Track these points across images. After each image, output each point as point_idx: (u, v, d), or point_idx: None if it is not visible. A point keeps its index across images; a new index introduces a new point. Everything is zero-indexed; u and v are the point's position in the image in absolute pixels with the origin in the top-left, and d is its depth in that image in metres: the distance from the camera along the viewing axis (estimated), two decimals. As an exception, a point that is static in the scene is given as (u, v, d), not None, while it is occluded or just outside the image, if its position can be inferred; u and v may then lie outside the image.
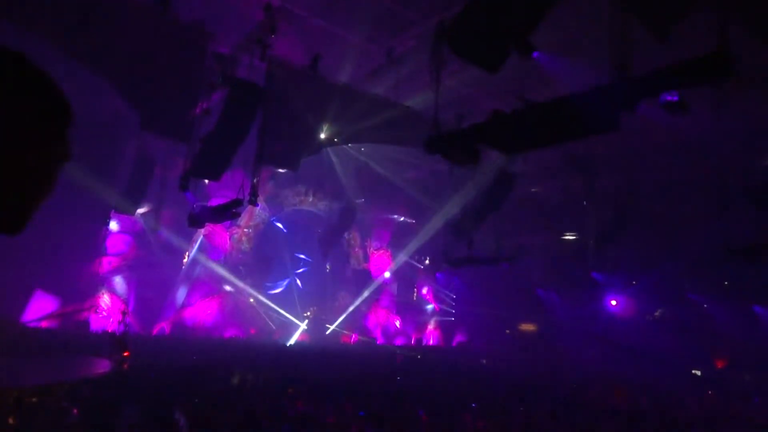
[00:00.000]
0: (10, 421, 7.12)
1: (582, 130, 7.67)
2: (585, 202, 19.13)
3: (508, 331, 28.15)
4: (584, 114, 6.91)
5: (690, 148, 15.17)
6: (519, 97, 9.91)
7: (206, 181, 17.18)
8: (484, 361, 21.47)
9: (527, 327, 28.00)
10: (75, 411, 7.94)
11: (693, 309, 21.77)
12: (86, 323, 20.39)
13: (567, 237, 23.23)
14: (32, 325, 18.81)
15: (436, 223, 20.76)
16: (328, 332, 27.20)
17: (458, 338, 30.12)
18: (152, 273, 22.61)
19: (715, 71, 5.72)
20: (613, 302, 24.14)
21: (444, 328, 30.70)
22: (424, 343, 29.86)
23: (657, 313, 25.83)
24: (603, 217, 18.75)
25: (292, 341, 23.08)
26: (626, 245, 19.78)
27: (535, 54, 8.76)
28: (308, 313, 27.23)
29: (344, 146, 17.41)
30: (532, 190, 20.59)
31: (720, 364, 20.71)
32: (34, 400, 8.46)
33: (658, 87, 6.75)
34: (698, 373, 20.43)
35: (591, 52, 10.21)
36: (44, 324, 19.26)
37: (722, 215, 13.63)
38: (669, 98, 8.56)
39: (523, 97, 8.67)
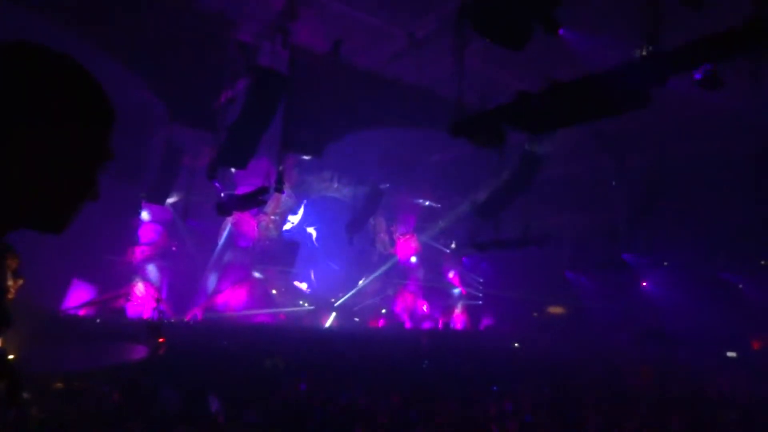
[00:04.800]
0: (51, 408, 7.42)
1: (611, 108, 7.47)
2: (614, 182, 18.72)
3: (535, 314, 27.94)
4: (613, 91, 6.72)
5: (725, 122, 14.65)
6: (545, 76, 9.71)
7: (233, 169, 17.39)
8: (517, 345, 21.36)
9: (555, 310, 27.73)
10: (116, 395, 8.23)
11: (727, 288, 21.22)
12: (122, 311, 21.03)
13: (597, 218, 22.81)
14: (71, 312, 19.50)
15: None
16: (356, 318, 27.51)
17: (485, 322, 30.06)
18: (183, 261, 23.14)
19: (751, 42, 5.49)
20: (644, 284, 23.72)
21: (471, 311, 30.67)
22: (451, 327, 29.91)
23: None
24: (633, 197, 18.32)
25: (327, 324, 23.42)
26: (658, 225, 19.34)
27: (561, 31, 8.53)
28: (335, 300, 27.56)
29: (368, 131, 17.38)
30: (560, 170, 20.24)
31: (757, 345, 20.17)
32: (76, 384, 8.80)
33: (691, 60, 6.52)
34: (733, 355, 19.95)
35: (619, 27, 9.92)
36: (82, 312, 19.94)
37: (759, 191, 13.17)
38: (702, 72, 8.26)
39: (548, 76, 8.49)
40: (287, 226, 27.03)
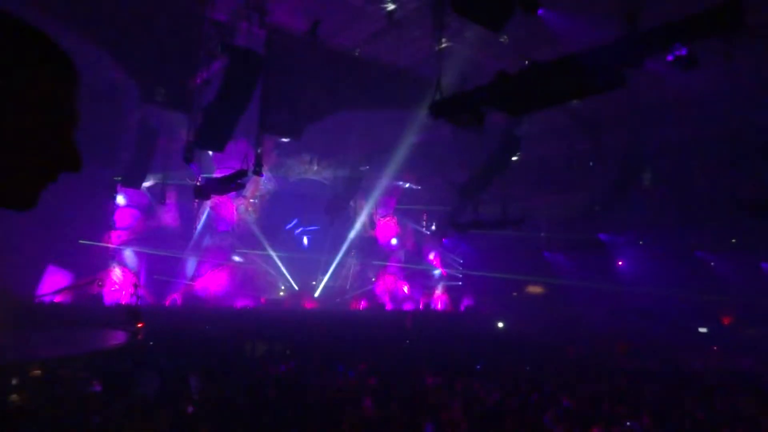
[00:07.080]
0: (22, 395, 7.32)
1: (588, 89, 7.52)
2: (591, 163, 18.95)
3: (515, 294, 28.37)
4: (590, 72, 6.76)
5: (699, 104, 14.89)
6: (524, 57, 9.71)
7: (210, 152, 17.12)
8: (501, 325, 21.73)
9: (534, 289, 28.19)
10: (94, 381, 8.14)
11: (700, 266, 21.82)
12: (100, 297, 20.72)
13: (573, 198, 23.12)
14: (47, 299, 19.15)
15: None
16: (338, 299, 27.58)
17: (466, 302, 30.43)
18: (161, 246, 22.83)
19: (726, 24, 5.56)
20: (620, 262, 24.26)
21: (452, 292, 30.99)
22: (432, 307, 30.21)
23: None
24: (610, 177, 18.59)
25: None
26: (633, 205, 19.71)
27: (540, 11, 8.51)
28: (315, 282, 27.56)
29: (347, 113, 17.23)
30: (538, 151, 20.41)
31: (726, 321, 20.87)
32: (54, 371, 8.68)
33: (666, 41, 6.58)
34: (705, 330, 20.62)
35: (599, 7, 9.94)
36: (58, 298, 19.60)
37: (731, 172, 13.47)
38: (678, 53, 8.34)
39: (527, 57, 8.49)
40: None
